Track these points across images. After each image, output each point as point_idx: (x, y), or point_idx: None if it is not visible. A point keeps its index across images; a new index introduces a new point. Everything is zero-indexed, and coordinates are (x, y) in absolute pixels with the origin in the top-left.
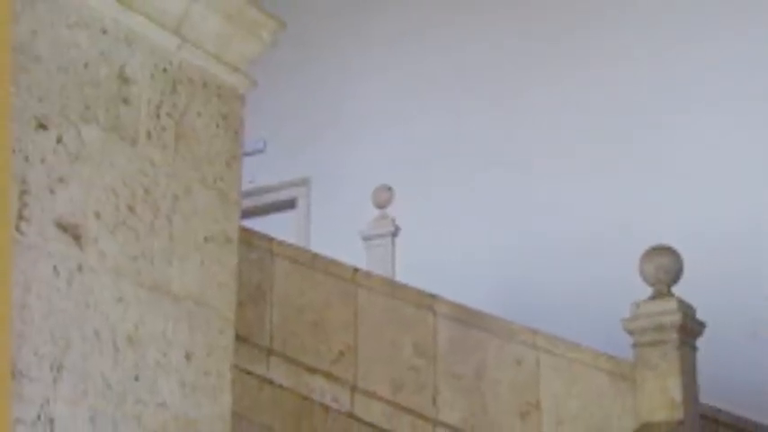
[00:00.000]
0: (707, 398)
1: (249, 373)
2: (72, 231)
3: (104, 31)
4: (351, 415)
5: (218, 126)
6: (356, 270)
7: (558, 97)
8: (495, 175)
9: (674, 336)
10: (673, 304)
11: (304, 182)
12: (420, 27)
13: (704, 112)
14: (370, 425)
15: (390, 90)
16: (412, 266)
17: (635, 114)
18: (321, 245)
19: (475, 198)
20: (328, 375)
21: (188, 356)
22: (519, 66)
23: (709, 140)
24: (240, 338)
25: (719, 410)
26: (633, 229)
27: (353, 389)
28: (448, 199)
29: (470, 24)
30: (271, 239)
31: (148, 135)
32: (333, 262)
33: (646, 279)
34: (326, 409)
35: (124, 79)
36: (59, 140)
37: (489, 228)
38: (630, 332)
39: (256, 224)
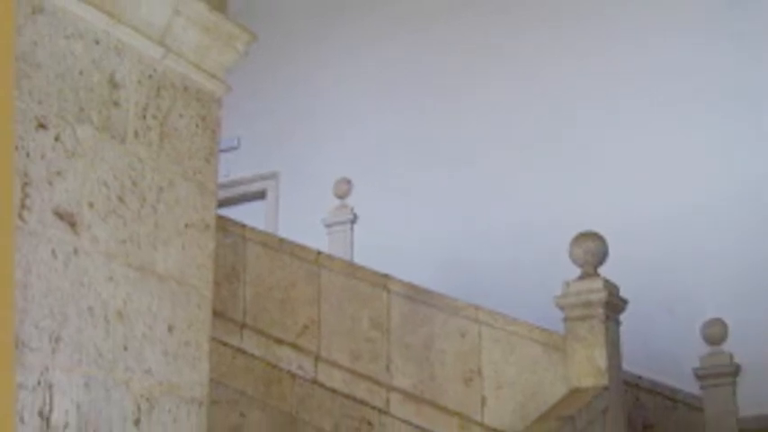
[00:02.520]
0: (629, 366)
1: (225, 343)
2: (68, 219)
3: (97, 42)
4: (315, 381)
5: (197, 126)
6: (319, 253)
7: (497, 100)
8: (442, 169)
9: (600, 311)
10: (599, 283)
11: (273, 175)
12: (377, 39)
13: (629, 115)
14: (332, 390)
15: (351, 94)
16: (368, 250)
17: (567, 115)
18: (288, 231)
19: (425, 189)
20: (294, 346)
21: (171, 329)
22: (464, 73)
23: (631, 140)
24: (216, 313)
25: (640, 377)
26: (564, 217)
27: (317, 358)
28: (401, 190)
29: (420, 37)
30: (244, 226)
31: (136, 134)
32: (298, 246)
33: (575, 261)
34: (293, 376)
35: (114, 84)
36: (57, 139)
37: (437, 215)
38: (561, 308)
39: (231, 213)
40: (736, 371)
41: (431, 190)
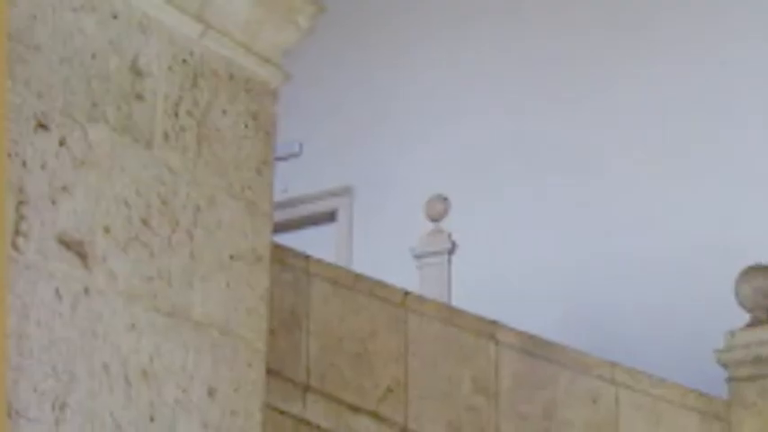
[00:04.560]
0: None
1: (282, 412)
2: (77, 249)
3: (115, 16)
4: None
5: (246, 126)
6: (406, 293)
7: (638, 95)
8: (565, 182)
9: None
10: None
11: (345, 191)
12: (483, 13)
13: None
14: None
15: (445, 86)
16: (471, 288)
17: (731, 115)
18: (365, 264)
19: (542, 209)
20: (374, 415)
21: (211, 393)
22: (592, 58)
23: None
24: (272, 372)
25: None
26: (727, 247)
27: (404, 431)
28: (511, 210)
29: (536, 13)
30: (307, 257)
31: (165, 136)
32: (379, 284)
33: (742, 303)
34: None
35: (137, 72)
36: (62, 143)
37: (559, 243)
38: (724, 365)
39: (291, 240)
40: None
41: (550, 210)
